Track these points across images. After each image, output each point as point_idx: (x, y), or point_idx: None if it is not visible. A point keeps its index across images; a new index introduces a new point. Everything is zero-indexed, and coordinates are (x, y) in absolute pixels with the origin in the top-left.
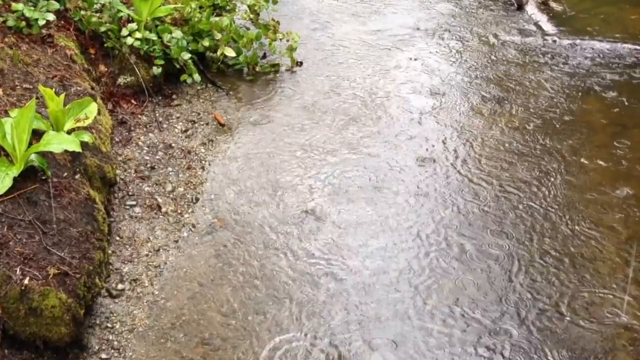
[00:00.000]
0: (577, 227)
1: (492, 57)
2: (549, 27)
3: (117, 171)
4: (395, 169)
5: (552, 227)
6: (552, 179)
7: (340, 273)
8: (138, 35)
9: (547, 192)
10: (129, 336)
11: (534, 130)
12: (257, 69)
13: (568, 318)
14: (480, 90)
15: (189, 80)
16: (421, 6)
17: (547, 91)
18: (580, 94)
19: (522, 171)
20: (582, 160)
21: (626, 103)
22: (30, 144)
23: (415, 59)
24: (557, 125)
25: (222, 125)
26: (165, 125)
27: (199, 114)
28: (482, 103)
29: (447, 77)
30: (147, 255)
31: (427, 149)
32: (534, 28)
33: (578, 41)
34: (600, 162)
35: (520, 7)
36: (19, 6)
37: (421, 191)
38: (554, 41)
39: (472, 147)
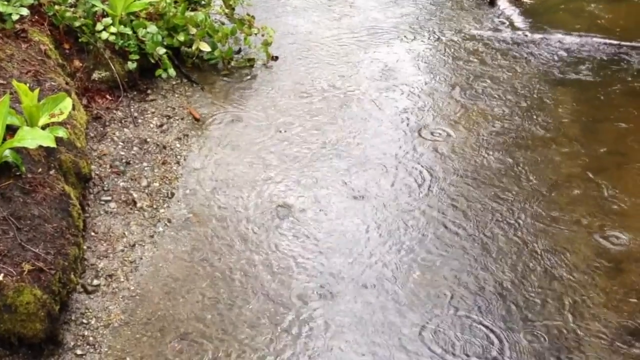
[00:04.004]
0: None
1: (463, 52)
2: (520, 21)
3: (92, 166)
4: (369, 167)
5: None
6: (522, 174)
7: (315, 265)
8: (113, 30)
9: (516, 190)
10: (105, 332)
11: (503, 125)
12: (233, 63)
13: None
14: (450, 86)
15: (164, 75)
16: (393, 0)
17: (517, 85)
18: (550, 88)
19: (492, 170)
20: (551, 153)
21: (596, 96)
22: (4, 139)
23: (383, 58)
24: (527, 120)
25: (198, 120)
26: (140, 121)
27: (174, 108)
28: (452, 101)
29: (415, 74)
30: (122, 250)
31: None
32: (505, 23)
33: (549, 35)
34: (570, 155)
35: (493, 2)
36: None
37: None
38: (525, 35)
39: (448, 144)
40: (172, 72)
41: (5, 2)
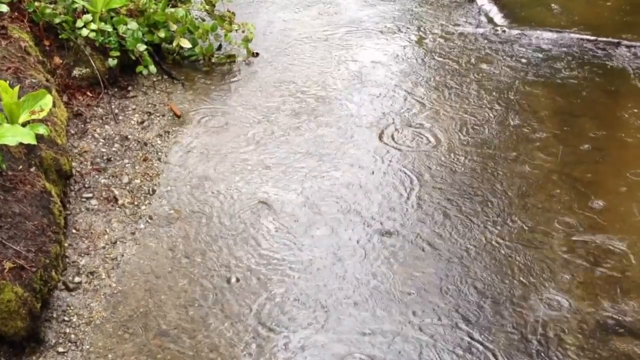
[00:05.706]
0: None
1: (442, 50)
2: (498, 17)
3: (73, 163)
4: (345, 168)
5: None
6: (499, 168)
7: (295, 259)
8: (93, 26)
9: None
10: (86, 329)
11: (481, 121)
12: (213, 60)
13: None
14: (429, 86)
15: (145, 72)
16: None
17: (495, 82)
18: (528, 84)
19: (469, 171)
20: (530, 148)
21: (573, 91)
22: None
23: (361, 57)
24: (505, 115)
25: (178, 116)
26: (121, 117)
27: (155, 105)
28: (431, 101)
29: (393, 73)
30: (103, 247)
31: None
32: (484, 19)
33: (527, 31)
34: (548, 149)
35: None
36: None
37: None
38: (504, 31)
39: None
40: (152, 68)
41: None
